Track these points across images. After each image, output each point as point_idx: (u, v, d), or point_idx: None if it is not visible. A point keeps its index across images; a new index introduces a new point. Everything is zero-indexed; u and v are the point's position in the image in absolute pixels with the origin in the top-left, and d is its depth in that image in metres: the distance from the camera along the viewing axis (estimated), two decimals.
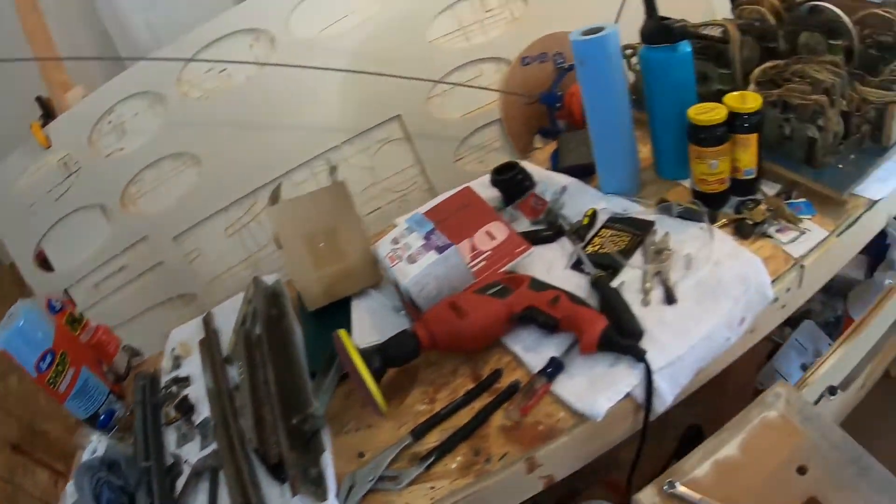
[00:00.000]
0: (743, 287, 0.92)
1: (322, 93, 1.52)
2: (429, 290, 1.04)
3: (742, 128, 1.04)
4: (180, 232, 1.66)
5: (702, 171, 1.06)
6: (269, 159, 1.55)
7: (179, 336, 1.37)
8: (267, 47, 1.52)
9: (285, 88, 1.52)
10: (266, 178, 1.57)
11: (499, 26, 1.60)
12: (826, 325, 1.67)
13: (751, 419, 0.89)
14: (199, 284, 1.70)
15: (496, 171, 1.24)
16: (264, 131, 1.54)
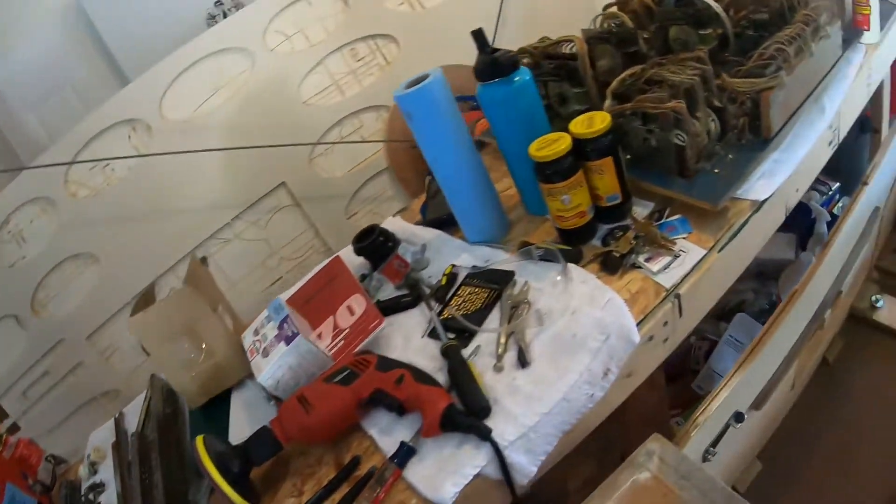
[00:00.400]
0: (602, 336, 0.81)
1: (205, 172, 1.45)
2: (285, 381, 0.97)
3: (593, 154, 0.93)
4: (93, 331, 1.62)
5: (557, 207, 0.96)
6: (163, 247, 1.49)
7: (96, 440, 1.31)
8: (145, 135, 1.47)
9: (169, 173, 1.46)
10: (164, 266, 1.51)
11: (372, 73, 1.53)
12: (761, 314, 1.55)
13: (620, 484, 0.78)
14: (119, 380, 1.66)
15: (357, 237, 1.14)
16: (155, 219, 1.49)
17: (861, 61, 1.17)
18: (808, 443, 1.24)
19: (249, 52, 1.41)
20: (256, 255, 1.52)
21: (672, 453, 0.77)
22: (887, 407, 1.26)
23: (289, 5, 1.43)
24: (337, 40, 1.48)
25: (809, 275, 1.01)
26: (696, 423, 0.85)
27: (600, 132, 0.92)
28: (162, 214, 1.49)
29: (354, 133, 1.54)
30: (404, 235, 1.17)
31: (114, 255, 1.54)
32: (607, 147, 0.93)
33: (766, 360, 0.95)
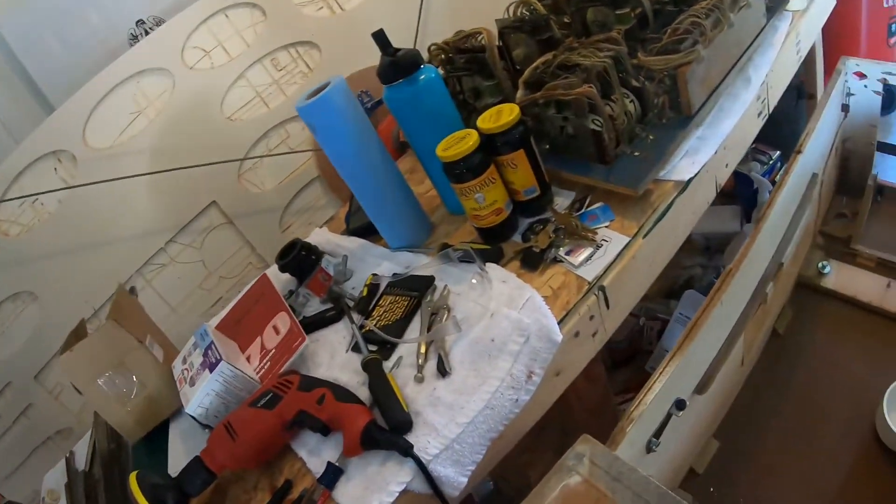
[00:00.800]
0: (521, 338, 0.78)
1: (135, 198, 1.40)
2: (215, 409, 0.93)
3: (504, 147, 0.89)
4: (39, 370, 1.57)
5: (472, 206, 0.92)
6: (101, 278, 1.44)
7: (50, 482, 1.26)
8: (70, 166, 1.41)
9: (99, 203, 1.41)
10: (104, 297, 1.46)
11: (295, 82, 1.48)
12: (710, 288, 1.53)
13: (549, 492, 0.73)
14: (71, 417, 1.61)
15: (280, 254, 1.09)
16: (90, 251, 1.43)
17: (788, 28, 1.14)
18: (764, 416, 1.22)
19: (169, 72, 1.35)
20: (194, 277, 1.47)
21: (603, 455, 0.73)
22: (840, 372, 1.24)
23: (206, 19, 1.38)
24: (257, 51, 1.42)
25: (745, 250, 0.97)
26: (631, 419, 0.81)
27: (509, 125, 0.88)
28: (96, 245, 1.44)
29: (282, 144, 1.49)
30: (328, 247, 1.13)
31: (53, 291, 1.49)
32: (518, 140, 0.89)
33: (705, 344, 0.91)
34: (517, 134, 0.89)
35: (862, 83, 1.27)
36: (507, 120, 0.88)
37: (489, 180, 0.89)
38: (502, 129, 0.88)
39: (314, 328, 1.01)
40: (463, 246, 0.92)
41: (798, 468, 1.15)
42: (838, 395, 1.21)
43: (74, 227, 1.44)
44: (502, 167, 0.91)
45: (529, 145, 0.91)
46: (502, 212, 0.92)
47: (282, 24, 1.43)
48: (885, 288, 1.29)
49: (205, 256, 1.47)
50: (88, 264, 1.45)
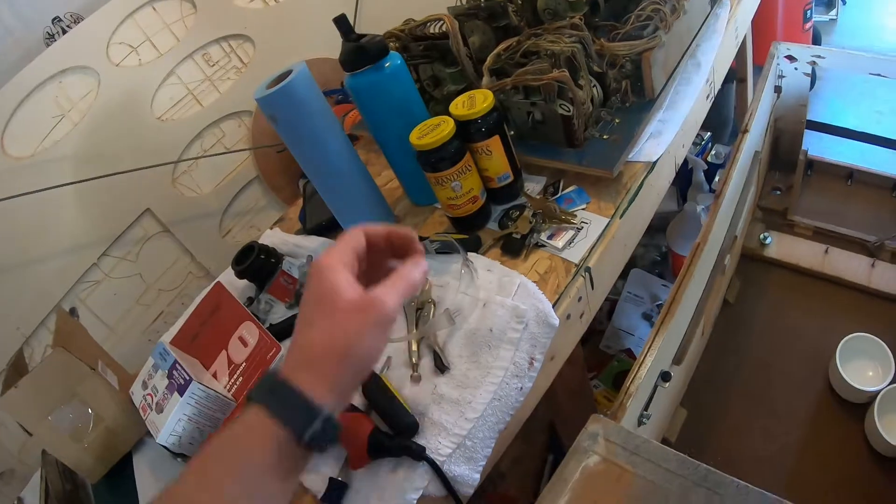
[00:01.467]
0: (520, 325, 0.76)
1: (62, 211, 1.27)
2: (188, 434, 0.86)
3: (479, 134, 0.88)
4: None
5: (447, 196, 0.89)
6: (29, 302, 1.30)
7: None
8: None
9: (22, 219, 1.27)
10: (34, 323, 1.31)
11: (229, 78, 1.39)
12: (654, 265, 1.60)
13: (570, 475, 0.73)
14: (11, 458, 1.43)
15: (236, 259, 1.02)
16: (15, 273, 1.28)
17: (728, 15, 1.19)
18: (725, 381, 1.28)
19: (93, 70, 1.23)
20: (131, 292, 1.35)
21: (616, 431, 0.74)
22: (791, 333, 1.33)
23: (132, 13, 1.26)
24: (188, 46, 1.33)
25: (708, 225, 1.01)
26: (629, 393, 0.82)
27: (484, 111, 0.86)
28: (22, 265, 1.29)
29: (217, 144, 1.40)
30: (286, 248, 1.07)
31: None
32: (493, 125, 0.88)
33: (680, 316, 0.94)
34: (492, 120, 0.88)
35: (792, 66, 1.35)
36: (482, 106, 0.86)
37: (466, 168, 0.87)
38: (478, 115, 0.86)
39: (285, 336, 0.95)
40: (441, 237, 0.90)
41: (762, 425, 1.21)
42: (792, 355, 1.28)
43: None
44: (476, 154, 0.90)
45: (503, 131, 0.89)
46: (478, 200, 0.91)
47: (213, 16, 1.34)
48: (824, 253, 1.38)
49: (141, 269, 1.35)
50: (15, 287, 1.30)
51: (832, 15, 2.61)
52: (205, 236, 1.42)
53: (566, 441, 1.14)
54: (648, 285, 1.54)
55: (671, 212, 1.63)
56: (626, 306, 1.52)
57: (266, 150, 1.41)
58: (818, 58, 1.33)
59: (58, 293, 1.30)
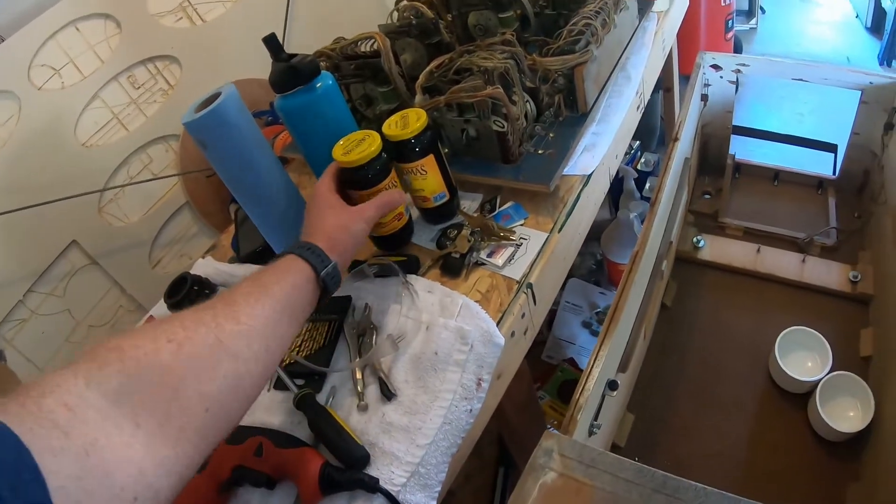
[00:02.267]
0: (466, 346, 0.76)
1: None
2: None
3: (413, 154, 0.87)
4: None
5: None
6: None
7: None
8: None
9: None
10: None
11: (155, 101, 1.34)
12: (590, 274, 1.64)
13: (528, 494, 0.73)
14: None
15: (168, 292, 0.98)
16: None
17: (655, 28, 1.23)
18: (670, 383, 1.32)
19: (13, 94, 1.16)
20: (60, 329, 1.27)
21: (570, 446, 0.74)
22: (730, 331, 1.38)
23: (54, 34, 1.19)
24: (113, 68, 1.27)
25: (645, 233, 1.04)
26: (578, 406, 0.83)
27: (417, 130, 0.85)
28: None
29: (144, 170, 1.34)
30: (220, 278, 1.03)
31: None
32: (427, 145, 0.87)
33: (623, 325, 0.96)
34: (425, 139, 0.87)
35: (718, 74, 1.40)
36: (416, 126, 0.85)
37: (392, 185, 0.86)
38: (411, 135, 0.85)
39: None
40: (379, 260, 0.89)
41: (709, 422, 1.24)
42: (732, 352, 1.33)
43: None
44: (411, 174, 0.89)
45: (438, 150, 0.89)
46: (403, 217, 0.90)
47: (138, 36, 1.29)
48: (756, 252, 1.44)
49: (70, 304, 1.28)
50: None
51: (752, 24, 2.74)
52: (134, 267, 1.36)
53: (516, 453, 1.14)
54: (586, 294, 1.57)
55: (604, 220, 1.67)
56: (566, 315, 1.54)
57: (195, 176, 1.37)
58: (742, 66, 1.39)
59: None
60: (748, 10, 2.73)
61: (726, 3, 2.09)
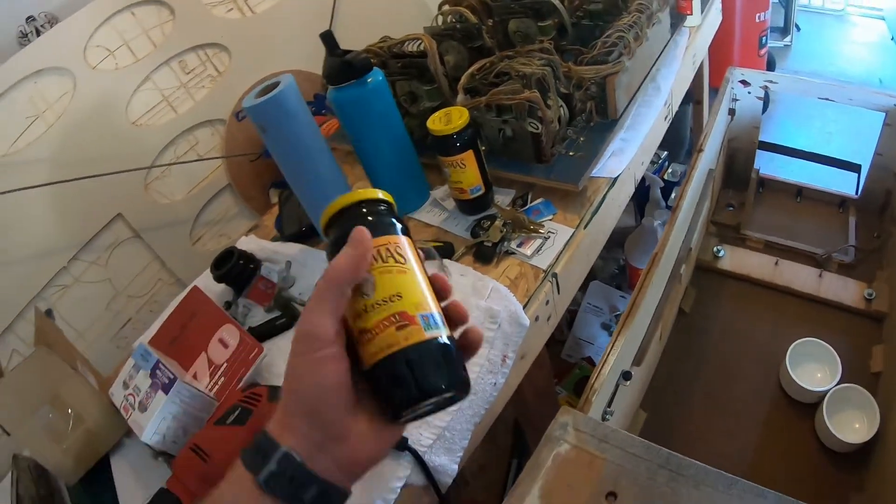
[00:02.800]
0: (494, 324, 0.86)
1: (32, 213, 1.30)
2: (172, 434, 0.91)
3: (454, 149, 0.98)
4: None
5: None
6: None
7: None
8: None
9: None
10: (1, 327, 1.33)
11: (204, 86, 1.46)
12: (612, 278, 1.73)
13: (543, 462, 0.82)
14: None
15: (215, 264, 1.09)
16: None
17: (686, 43, 1.33)
18: (683, 385, 1.40)
19: (70, 73, 1.28)
20: (100, 298, 1.39)
21: (585, 421, 0.83)
22: (744, 339, 1.46)
23: (110, 17, 1.32)
24: (165, 52, 1.39)
25: (665, 236, 1.13)
26: (594, 389, 0.92)
27: (460, 127, 0.96)
28: None
29: (190, 151, 1.46)
30: (264, 255, 1.14)
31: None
32: (468, 141, 0.98)
33: (640, 319, 1.05)
34: (466, 136, 0.97)
35: (746, 90, 1.49)
36: (458, 123, 0.96)
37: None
38: (454, 130, 0.96)
39: (265, 338, 1.01)
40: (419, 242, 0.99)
41: (718, 425, 1.33)
42: (745, 360, 1.41)
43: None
44: (451, 167, 0.99)
45: (477, 146, 0.99)
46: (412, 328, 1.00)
47: (190, 24, 1.41)
48: (774, 265, 1.52)
49: (111, 274, 1.39)
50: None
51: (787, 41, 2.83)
52: (175, 243, 1.47)
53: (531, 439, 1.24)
54: (607, 297, 1.66)
55: (629, 227, 1.77)
56: (586, 317, 1.63)
57: (239, 159, 1.48)
58: (770, 83, 1.48)
59: (25, 296, 1.33)
60: (783, 28, 2.81)
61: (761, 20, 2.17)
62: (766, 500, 0.75)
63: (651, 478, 0.79)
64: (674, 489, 0.77)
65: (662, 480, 0.78)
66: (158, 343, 1.07)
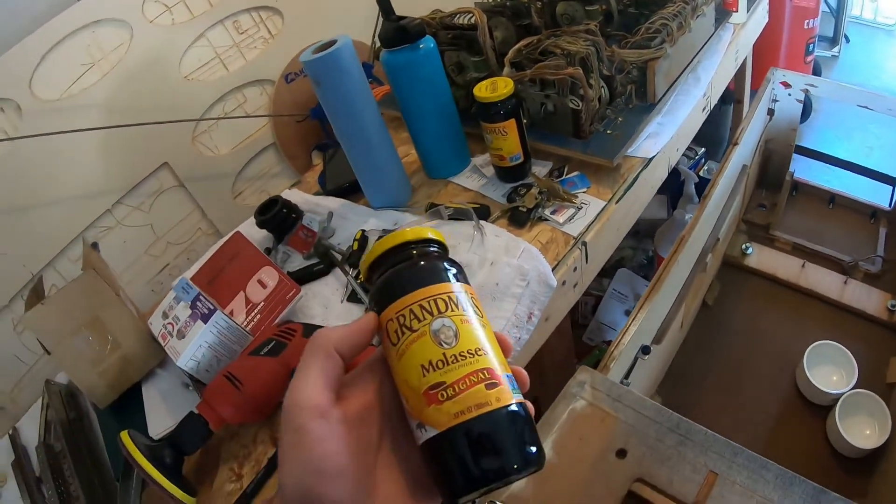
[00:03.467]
0: (523, 282, 0.93)
1: (81, 156, 1.39)
2: (206, 362, 0.99)
3: (497, 116, 1.05)
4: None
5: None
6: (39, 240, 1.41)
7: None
8: (15, 117, 1.38)
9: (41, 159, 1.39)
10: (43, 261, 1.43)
11: (256, 47, 1.54)
12: (640, 268, 1.79)
13: (559, 416, 0.90)
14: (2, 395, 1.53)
15: (259, 210, 1.18)
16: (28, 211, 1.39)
17: (730, 39, 1.39)
18: (699, 375, 1.46)
19: (127, 24, 1.38)
20: (141, 242, 1.49)
21: (602, 381, 0.90)
22: (764, 337, 1.51)
23: None
24: (220, 12, 1.47)
25: (693, 222, 1.19)
26: (612, 356, 0.99)
27: (504, 96, 1.04)
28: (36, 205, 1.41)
29: (238, 108, 1.55)
30: (306, 206, 1.22)
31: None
32: (511, 110, 1.05)
33: (663, 297, 1.11)
34: (510, 105, 1.05)
35: (787, 91, 1.55)
36: (503, 92, 1.04)
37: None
38: (498, 98, 1.03)
39: (301, 282, 1.09)
40: (455, 203, 1.06)
41: (729, 417, 1.39)
42: (763, 356, 1.47)
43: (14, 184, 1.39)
44: (493, 134, 1.07)
45: (519, 116, 1.07)
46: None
47: None
48: (801, 268, 1.57)
49: (153, 220, 1.48)
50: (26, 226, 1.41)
51: (835, 51, 2.86)
52: (217, 195, 1.56)
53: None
54: (633, 285, 1.72)
55: (660, 219, 1.82)
56: (611, 302, 1.70)
57: (285, 120, 1.57)
58: (811, 86, 1.53)
59: (69, 235, 1.43)
60: (832, 38, 2.84)
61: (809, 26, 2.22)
62: (768, 471, 0.80)
63: (660, 439, 0.85)
64: (681, 452, 0.83)
65: (671, 443, 0.84)
66: (198, 281, 1.15)
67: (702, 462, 0.82)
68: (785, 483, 0.77)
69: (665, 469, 0.82)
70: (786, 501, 0.76)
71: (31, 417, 1.25)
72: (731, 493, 0.78)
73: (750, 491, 0.77)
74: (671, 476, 0.81)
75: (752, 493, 0.77)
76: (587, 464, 0.85)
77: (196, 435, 0.86)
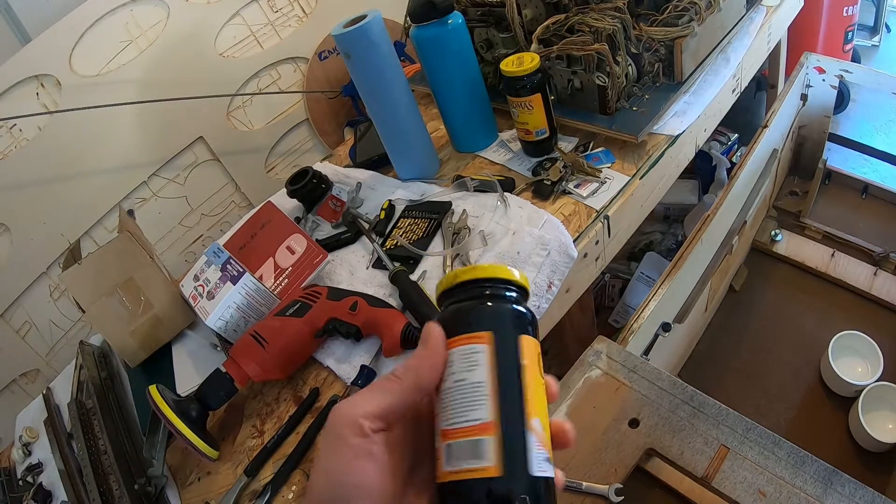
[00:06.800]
0: (544, 251, 0.94)
1: (119, 129, 1.46)
2: (234, 322, 1.03)
3: (523, 90, 1.06)
4: (5, 308, 1.56)
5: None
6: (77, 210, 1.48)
7: (25, 420, 1.29)
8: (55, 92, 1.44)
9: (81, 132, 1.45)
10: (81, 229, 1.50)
11: (290, 25, 1.59)
12: (669, 253, 1.79)
13: (574, 383, 0.91)
14: (38, 358, 1.61)
15: (290, 180, 1.22)
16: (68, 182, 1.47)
17: (762, 21, 1.38)
18: (722, 360, 1.45)
19: (164, 3, 1.43)
20: (175, 213, 1.55)
21: (618, 351, 0.91)
22: (789, 325, 1.50)
23: None
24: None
25: (720, 201, 1.19)
26: (632, 330, 1.00)
27: (530, 70, 1.05)
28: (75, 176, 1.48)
29: (272, 85, 1.60)
30: (336, 177, 1.26)
31: (25, 223, 1.50)
32: (536, 84, 1.06)
33: (685, 277, 1.11)
34: (536, 79, 1.06)
35: (821, 77, 1.52)
36: (529, 66, 1.05)
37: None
38: (525, 72, 1.05)
39: (329, 250, 1.13)
40: (481, 175, 1.08)
41: (751, 402, 1.38)
42: (788, 345, 1.45)
43: (53, 157, 1.47)
44: (519, 108, 1.08)
45: (545, 91, 1.08)
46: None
47: None
48: (830, 257, 1.55)
49: (187, 193, 1.54)
50: (66, 196, 1.48)
51: (875, 41, 2.78)
52: (250, 169, 1.61)
53: None
54: (661, 269, 1.72)
55: (690, 204, 1.82)
56: (638, 286, 1.70)
57: (317, 96, 1.61)
58: (846, 72, 1.51)
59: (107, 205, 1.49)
60: (873, 27, 2.77)
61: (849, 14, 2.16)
62: (780, 448, 0.79)
63: (673, 411, 0.86)
64: (693, 425, 0.84)
65: (684, 415, 0.85)
66: (229, 247, 1.18)
67: (714, 435, 0.82)
68: (797, 461, 0.77)
69: (677, 440, 0.82)
70: (796, 480, 0.76)
71: (64, 378, 1.30)
72: (741, 468, 0.77)
73: (760, 467, 0.77)
74: (682, 448, 0.81)
75: (762, 470, 0.77)
76: (599, 431, 0.85)
77: (221, 391, 0.90)
